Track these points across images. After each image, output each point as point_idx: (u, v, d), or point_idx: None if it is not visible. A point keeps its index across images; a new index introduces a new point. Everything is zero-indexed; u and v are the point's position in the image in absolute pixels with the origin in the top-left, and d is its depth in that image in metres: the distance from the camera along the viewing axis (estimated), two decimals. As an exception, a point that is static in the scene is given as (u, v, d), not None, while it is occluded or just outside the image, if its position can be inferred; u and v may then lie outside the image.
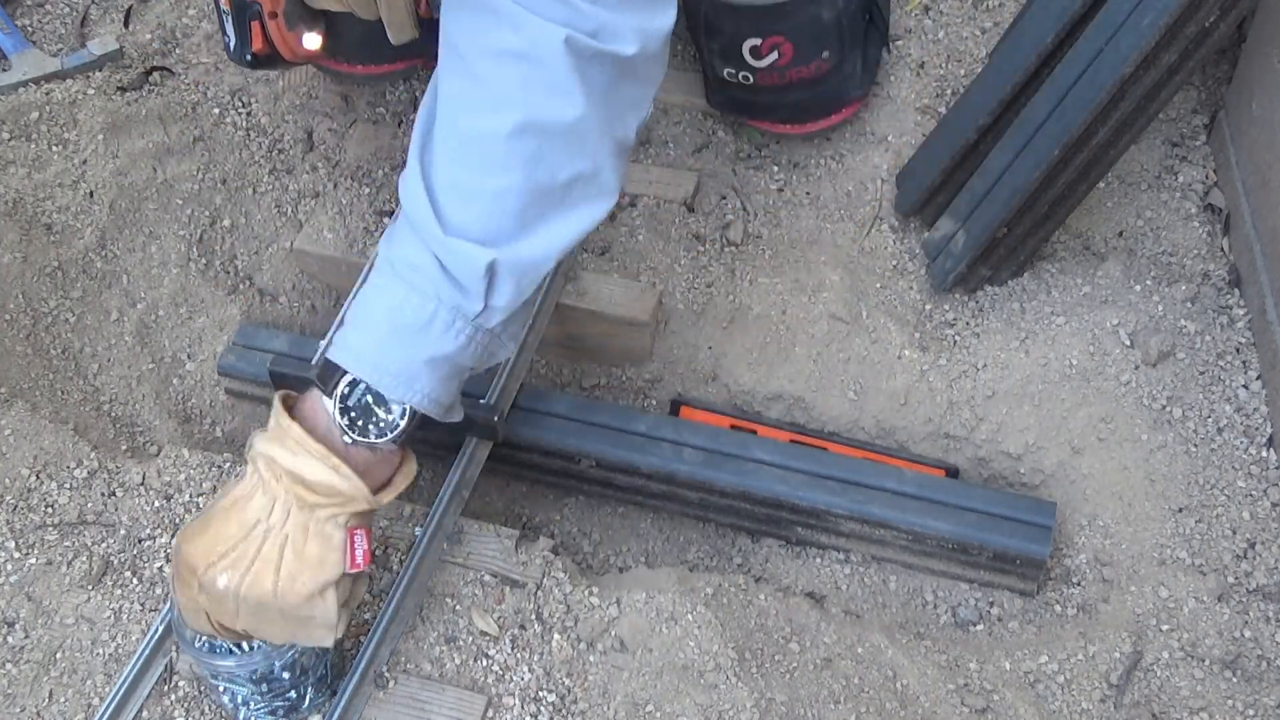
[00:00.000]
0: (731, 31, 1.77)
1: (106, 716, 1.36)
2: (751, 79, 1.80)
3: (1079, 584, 1.59)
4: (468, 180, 1.16)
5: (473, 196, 1.16)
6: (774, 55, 1.77)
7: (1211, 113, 1.94)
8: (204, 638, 1.34)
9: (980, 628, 1.58)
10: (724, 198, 1.87)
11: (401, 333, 1.17)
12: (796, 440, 1.66)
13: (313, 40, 1.65)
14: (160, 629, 1.40)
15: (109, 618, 1.47)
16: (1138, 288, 1.77)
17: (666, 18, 1.19)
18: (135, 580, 1.49)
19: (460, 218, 1.16)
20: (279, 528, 1.18)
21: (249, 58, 1.62)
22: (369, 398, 1.19)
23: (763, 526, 1.65)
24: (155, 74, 2.06)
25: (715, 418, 1.70)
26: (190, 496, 1.56)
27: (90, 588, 1.49)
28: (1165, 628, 1.51)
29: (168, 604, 1.39)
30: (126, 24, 2.17)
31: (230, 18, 1.61)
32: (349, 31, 1.69)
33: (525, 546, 1.50)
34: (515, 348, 1.29)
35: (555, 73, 1.13)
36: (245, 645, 1.34)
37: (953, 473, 1.65)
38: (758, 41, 1.75)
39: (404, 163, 1.23)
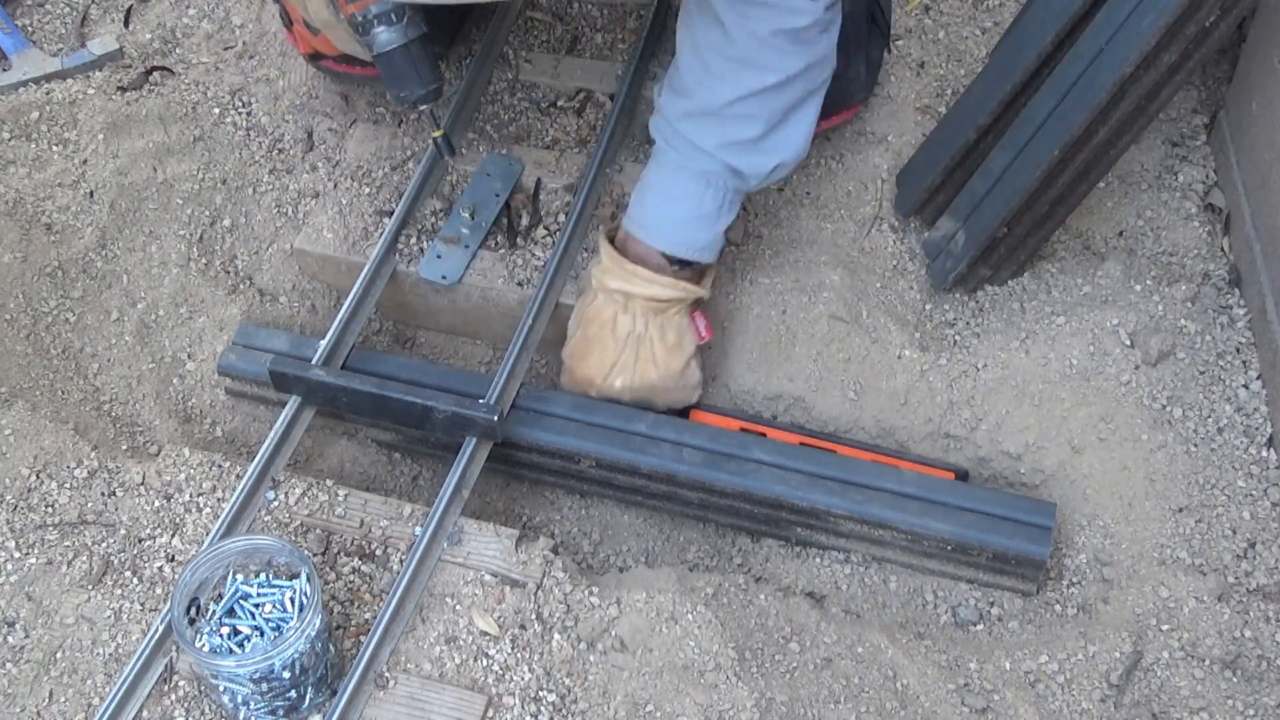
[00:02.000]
0: None
1: (106, 716, 1.36)
2: None
3: (1079, 584, 1.59)
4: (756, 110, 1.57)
5: (752, 120, 1.57)
6: None
7: (1212, 113, 1.94)
8: (204, 637, 1.34)
9: (980, 628, 1.58)
10: (724, 198, 1.87)
11: (706, 219, 1.63)
12: (806, 444, 1.65)
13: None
14: (160, 629, 1.40)
15: (109, 618, 1.47)
16: (1138, 288, 1.77)
17: None
18: (135, 580, 1.49)
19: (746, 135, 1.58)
20: (645, 332, 1.63)
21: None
22: None
23: (763, 526, 1.65)
24: (155, 74, 2.06)
25: (725, 421, 1.69)
26: (190, 496, 1.56)
27: (90, 588, 1.49)
28: (1165, 628, 1.51)
29: (168, 604, 1.39)
30: (126, 24, 2.17)
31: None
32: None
33: (525, 546, 1.50)
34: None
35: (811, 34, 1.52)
36: (245, 645, 1.34)
37: (961, 475, 1.65)
38: None
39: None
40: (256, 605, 1.37)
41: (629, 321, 1.63)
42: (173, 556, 1.51)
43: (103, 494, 1.58)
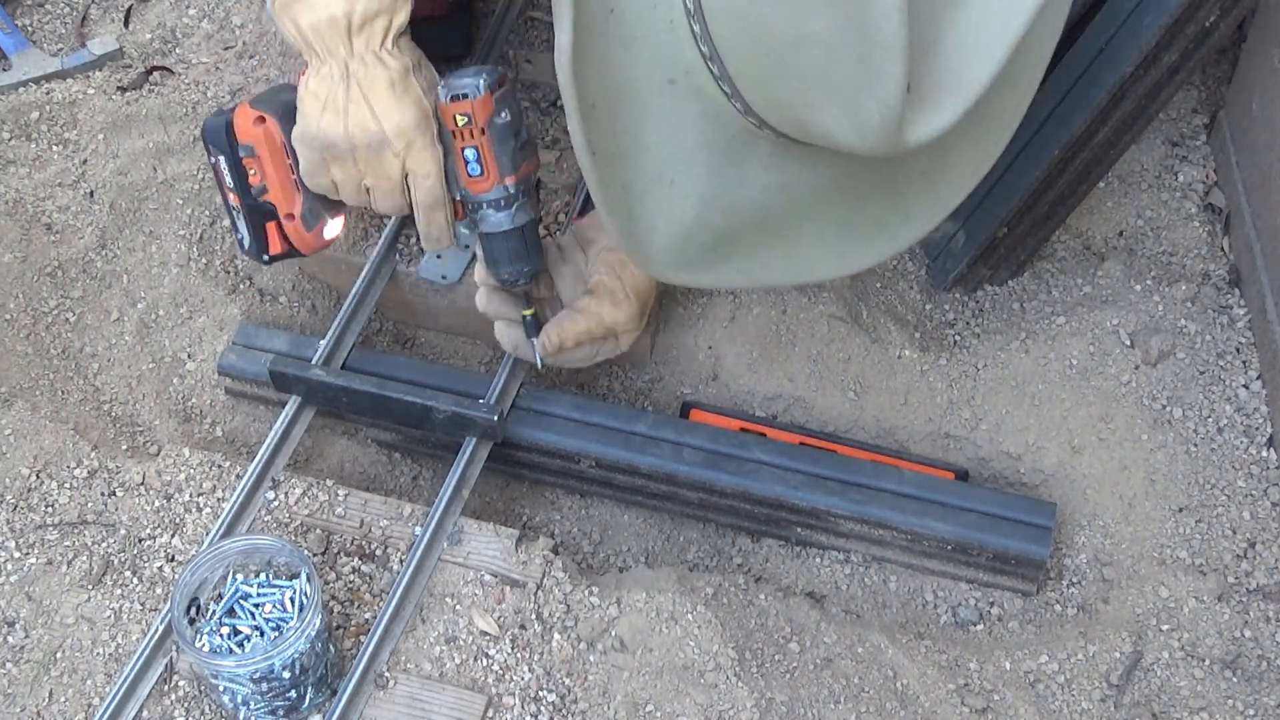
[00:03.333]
0: None
1: (106, 716, 1.36)
2: None
3: (1079, 584, 1.59)
4: None
5: None
6: None
7: (1212, 112, 1.94)
8: (204, 637, 1.34)
9: (980, 628, 1.58)
10: (724, 198, 1.87)
11: None
12: (806, 444, 1.65)
13: (334, 228, 1.55)
14: (160, 629, 1.41)
15: (109, 618, 1.47)
16: (1138, 288, 1.77)
17: None
18: (135, 580, 1.50)
19: None
20: None
21: (265, 259, 1.54)
22: None
23: (763, 526, 1.65)
24: (155, 74, 2.06)
25: (725, 421, 1.69)
26: (190, 496, 1.56)
27: (90, 588, 1.49)
28: (1165, 628, 1.51)
29: (168, 604, 1.39)
30: (126, 24, 2.17)
31: (242, 216, 1.52)
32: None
33: (525, 546, 1.50)
34: None
35: None
36: (245, 645, 1.34)
37: (961, 475, 1.65)
38: None
39: None
40: (256, 605, 1.37)
41: None
42: (173, 556, 1.51)
43: (103, 494, 1.58)
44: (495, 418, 1.56)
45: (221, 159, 1.48)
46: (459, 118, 1.40)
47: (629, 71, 1.17)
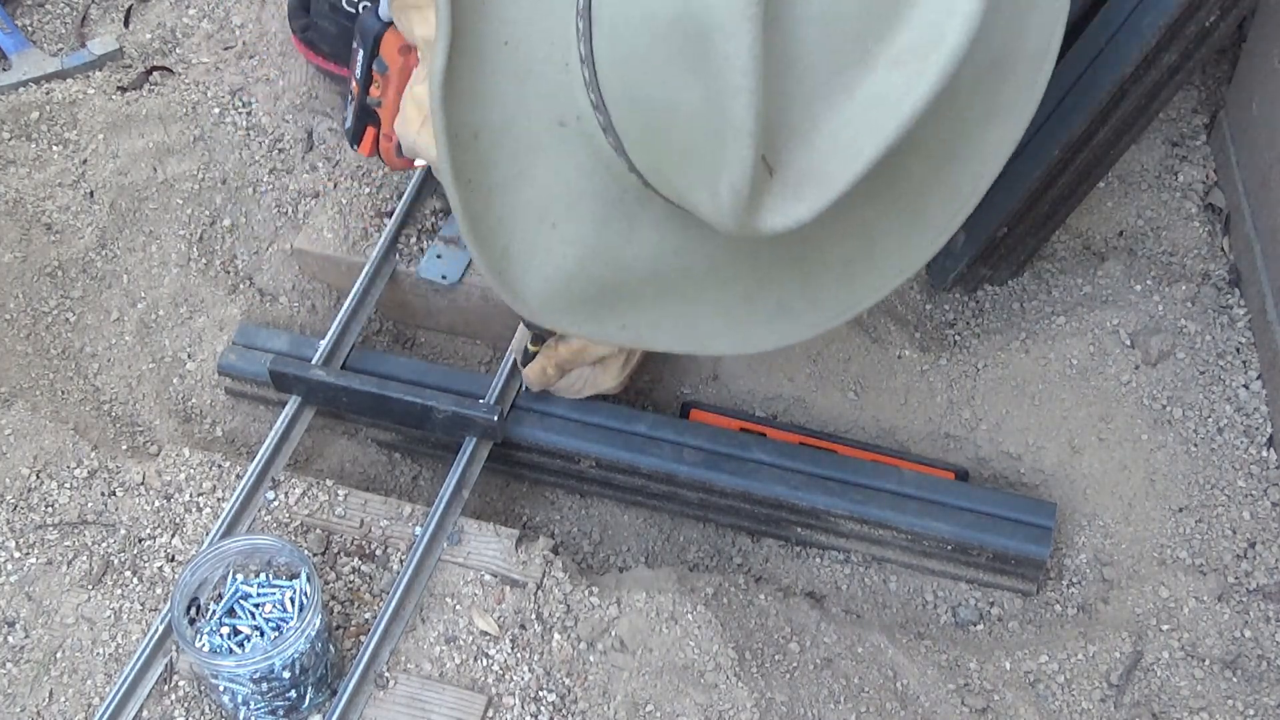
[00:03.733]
0: None
1: (106, 716, 1.36)
2: None
3: (1079, 584, 1.59)
4: None
5: None
6: None
7: (1212, 112, 1.94)
8: (204, 637, 1.34)
9: (980, 628, 1.58)
10: (724, 198, 1.87)
11: None
12: (806, 444, 1.65)
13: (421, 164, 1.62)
14: (160, 629, 1.41)
15: (109, 618, 1.47)
16: (1138, 288, 1.77)
17: None
18: (135, 580, 1.50)
19: None
20: None
21: (354, 148, 1.65)
22: None
23: (763, 526, 1.65)
24: (155, 74, 2.06)
25: (725, 421, 1.69)
26: (190, 496, 1.56)
27: (90, 588, 1.49)
28: (1165, 628, 1.51)
29: (168, 604, 1.39)
30: (126, 24, 2.17)
31: (353, 106, 1.60)
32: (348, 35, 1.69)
33: (525, 546, 1.50)
34: None
35: None
36: (245, 645, 1.34)
37: (961, 475, 1.65)
38: None
39: None
40: (256, 605, 1.37)
41: None
42: (173, 556, 1.51)
43: (103, 494, 1.58)
44: (495, 418, 1.56)
45: (362, 53, 1.53)
46: None
47: (518, 106, 1.13)
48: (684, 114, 1.01)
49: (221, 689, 1.34)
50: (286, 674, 1.33)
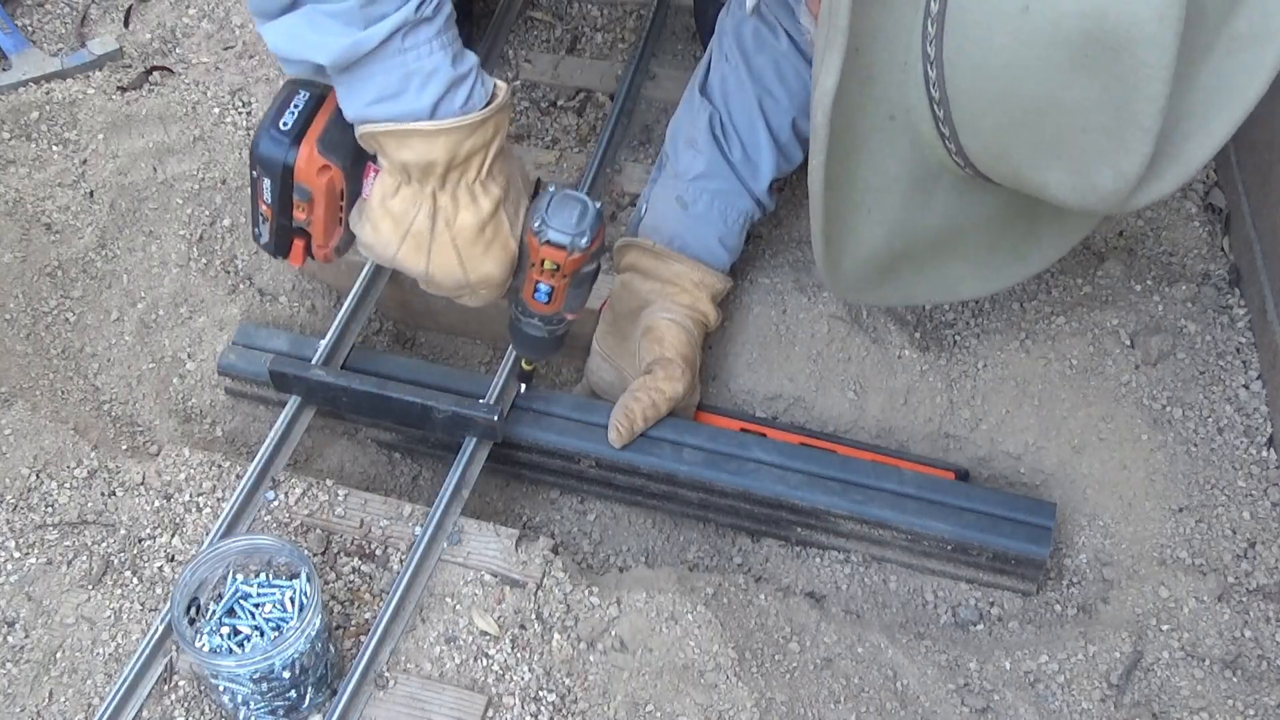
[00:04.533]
0: None
1: (106, 716, 1.36)
2: None
3: (1079, 584, 1.59)
4: None
5: None
6: None
7: (1211, 113, 1.94)
8: (204, 637, 1.34)
9: (980, 628, 1.58)
10: (724, 197, 1.87)
11: None
12: (806, 444, 1.65)
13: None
14: (160, 629, 1.40)
15: (109, 618, 1.47)
16: (1138, 287, 1.77)
17: None
18: (135, 580, 1.49)
19: None
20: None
21: (279, 259, 1.47)
22: None
23: (763, 526, 1.65)
24: (155, 74, 2.06)
25: (727, 421, 1.69)
26: (190, 496, 1.56)
27: (90, 588, 1.49)
28: (1165, 628, 1.51)
29: (168, 604, 1.39)
30: (126, 24, 2.17)
31: (269, 226, 1.41)
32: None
33: (525, 546, 1.50)
34: None
35: None
36: (245, 645, 1.34)
37: (961, 475, 1.65)
38: None
39: None
40: (256, 605, 1.37)
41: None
42: (173, 556, 1.51)
43: (103, 494, 1.58)
44: (495, 418, 1.56)
45: (267, 183, 1.37)
46: (546, 262, 1.37)
47: (860, 108, 1.22)
48: (1065, 110, 1.12)
49: (221, 689, 1.34)
50: (286, 674, 1.33)
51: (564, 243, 1.35)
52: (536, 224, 1.35)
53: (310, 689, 1.37)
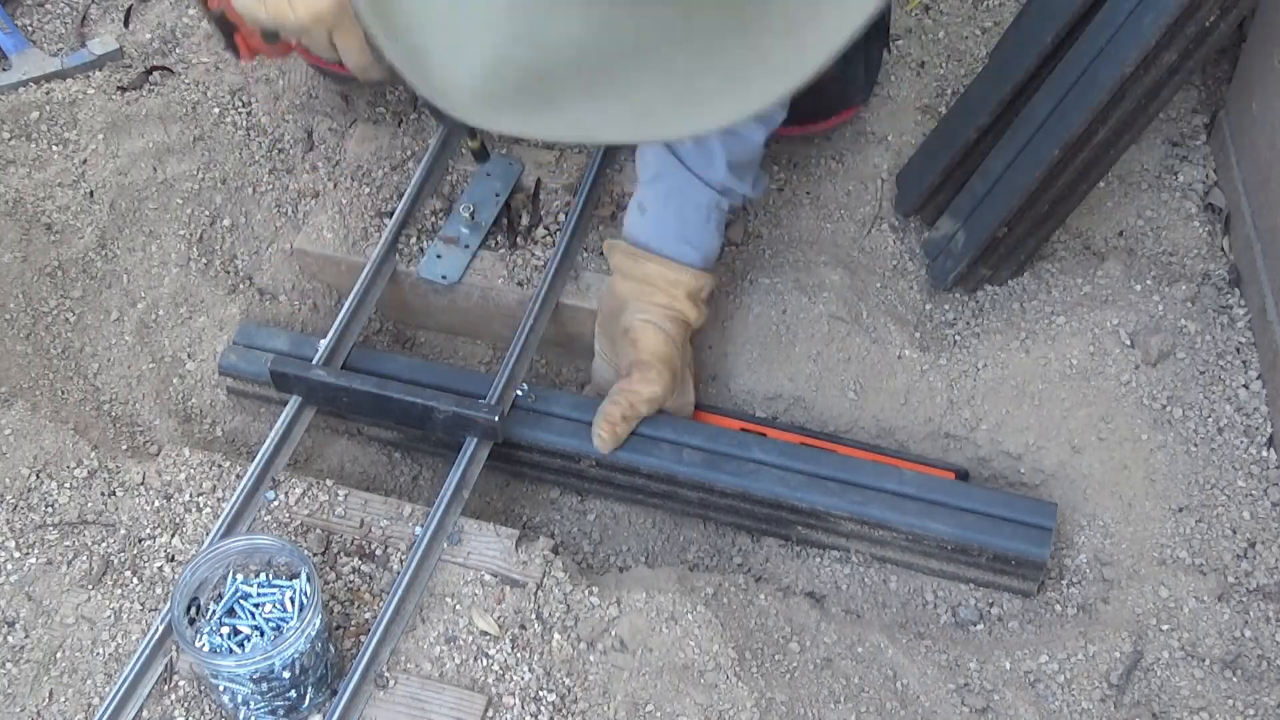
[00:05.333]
0: None
1: (106, 716, 1.36)
2: None
3: (1079, 584, 1.59)
4: None
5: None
6: None
7: (1212, 112, 1.94)
8: (204, 637, 1.34)
9: (980, 628, 1.58)
10: (724, 197, 1.87)
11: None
12: (806, 444, 1.65)
13: None
14: (160, 629, 1.40)
15: (109, 618, 1.47)
16: (1138, 287, 1.77)
17: None
18: (135, 580, 1.49)
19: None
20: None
21: (239, 61, 1.69)
22: None
23: (763, 526, 1.65)
24: (155, 74, 2.06)
25: (726, 421, 1.69)
26: (190, 496, 1.56)
27: (90, 588, 1.49)
28: (1165, 628, 1.51)
29: (168, 604, 1.39)
30: (126, 24, 2.17)
31: (215, 26, 1.65)
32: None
33: (525, 546, 1.50)
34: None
35: None
36: (245, 645, 1.34)
37: (962, 475, 1.65)
38: None
39: None
40: (256, 605, 1.37)
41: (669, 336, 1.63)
42: (173, 556, 1.51)
43: (103, 494, 1.58)
44: (495, 418, 1.56)
45: None
46: None
47: None
48: None
49: (221, 689, 1.34)
50: (286, 674, 1.33)
51: None
52: None
53: (310, 689, 1.37)
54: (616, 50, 1.09)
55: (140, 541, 1.53)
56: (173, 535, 1.53)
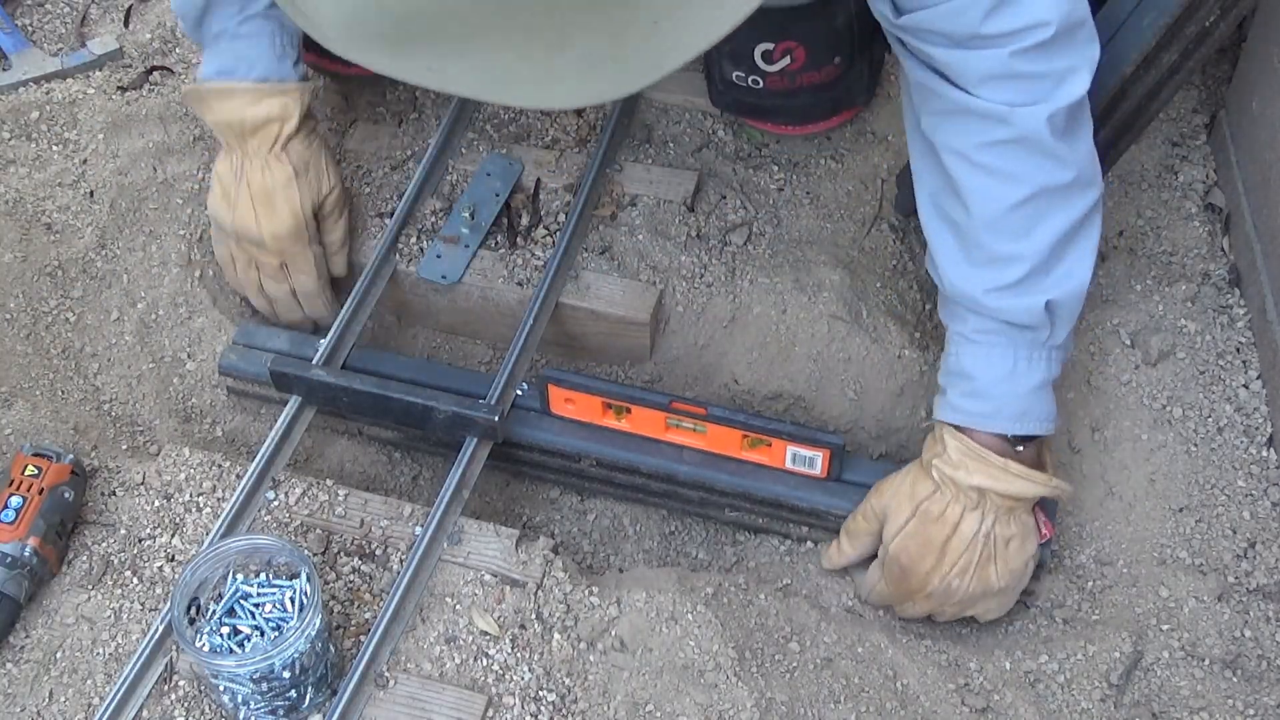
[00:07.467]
0: (744, 35, 1.75)
1: (106, 716, 1.36)
2: (761, 83, 1.79)
3: (1079, 583, 1.59)
4: (1005, 249, 1.42)
5: (1012, 261, 1.42)
6: (786, 60, 1.75)
7: (1212, 112, 1.94)
8: (204, 637, 1.34)
9: (980, 627, 1.58)
10: (724, 197, 1.87)
11: (1008, 384, 1.46)
12: (676, 407, 1.56)
13: None
14: (160, 629, 1.41)
15: (109, 618, 1.47)
16: (1138, 287, 1.77)
17: (1095, 44, 1.38)
18: (135, 580, 1.49)
19: (1008, 278, 1.43)
20: (992, 530, 1.45)
21: None
22: None
23: (763, 524, 1.65)
24: (155, 73, 2.06)
25: (586, 398, 1.61)
26: (190, 496, 1.56)
27: (90, 588, 1.49)
28: (1165, 628, 1.51)
29: (168, 604, 1.39)
30: (126, 23, 2.17)
31: None
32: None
33: (525, 546, 1.50)
34: (1073, 346, 1.52)
35: (1045, 145, 1.36)
36: (245, 645, 1.34)
37: (837, 450, 1.56)
38: (770, 46, 1.74)
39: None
40: (256, 605, 1.37)
41: (977, 520, 1.45)
42: (173, 556, 1.51)
43: (103, 494, 1.58)
44: (495, 418, 1.56)
45: None
46: None
47: None
48: None
49: (221, 689, 1.34)
50: (286, 674, 1.33)
51: None
52: None
53: (310, 689, 1.37)
54: (480, 16, 1.10)
55: (140, 541, 1.53)
56: (173, 535, 1.53)
